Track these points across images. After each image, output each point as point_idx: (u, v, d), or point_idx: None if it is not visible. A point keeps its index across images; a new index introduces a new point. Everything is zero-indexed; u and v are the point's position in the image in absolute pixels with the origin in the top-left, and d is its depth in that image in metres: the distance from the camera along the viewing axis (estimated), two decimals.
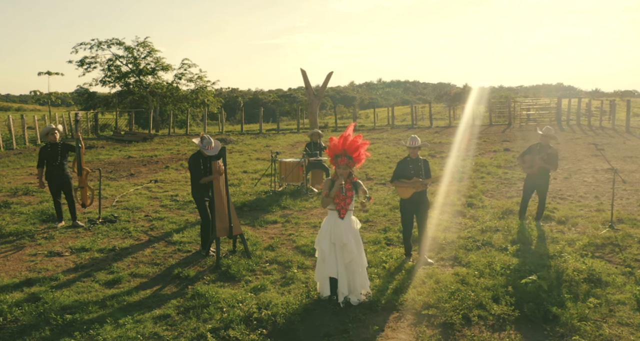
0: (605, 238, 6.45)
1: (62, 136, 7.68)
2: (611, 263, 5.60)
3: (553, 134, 7.22)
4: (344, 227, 4.50)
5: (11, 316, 4.42)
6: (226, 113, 37.28)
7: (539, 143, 7.23)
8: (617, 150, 16.62)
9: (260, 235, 6.98)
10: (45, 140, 7.54)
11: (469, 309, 4.36)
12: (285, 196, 9.42)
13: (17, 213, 8.26)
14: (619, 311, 4.38)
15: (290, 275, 5.32)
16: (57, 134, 7.43)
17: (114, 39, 34.33)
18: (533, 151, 7.21)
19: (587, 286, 4.82)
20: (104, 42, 34.28)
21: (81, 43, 33.82)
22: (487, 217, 7.66)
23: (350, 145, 4.67)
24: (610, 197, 9.34)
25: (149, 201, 9.35)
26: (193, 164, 6.08)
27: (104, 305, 4.69)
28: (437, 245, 6.31)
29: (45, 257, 6.13)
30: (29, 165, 15.69)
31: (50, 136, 7.36)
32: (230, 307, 4.44)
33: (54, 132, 7.37)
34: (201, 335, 3.97)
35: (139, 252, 6.32)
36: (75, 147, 7.50)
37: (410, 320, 4.30)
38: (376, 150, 17.99)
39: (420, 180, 5.61)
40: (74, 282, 5.29)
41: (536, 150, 7.17)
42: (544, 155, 7.12)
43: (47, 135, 7.41)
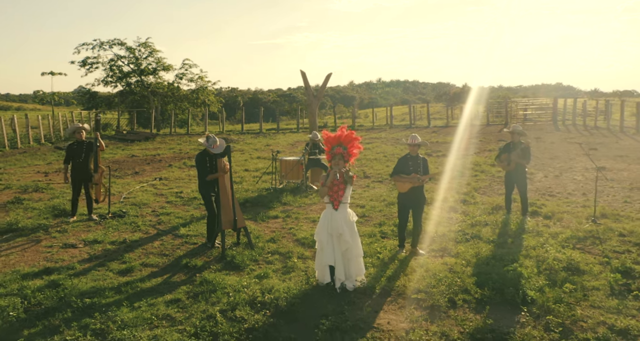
0: (587, 232, 6.85)
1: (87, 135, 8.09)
2: (590, 254, 6.00)
3: (521, 130, 7.68)
4: (340, 218, 4.89)
5: (34, 300, 4.82)
6: (226, 113, 37.66)
7: (511, 142, 7.65)
8: (610, 149, 17.02)
9: (262, 229, 7.38)
10: (72, 138, 7.93)
11: (454, 293, 4.77)
12: (286, 193, 9.82)
13: (30, 209, 8.65)
14: (593, 296, 4.78)
15: (291, 265, 5.71)
16: (84, 133, 7.84)
17: (116, 40, 34.69)
18: (507, 149, 7.63)
19: (565, 274, 5.22)
20: (105, 43, 34.64)
21: (83, 43, 34.16)
22: (478, 212, 8.06)
23: (345, 138, 5.14)
24: (598, 193, 9.75)
25: (155, 197, 9.75)
26: (199, 162, 6.46)
27: (119, 290, 5.09)
28: (429, 238, 6.71)
29: (60, 249, 6.53)
30: (35, 163, 16.08)
31: (77, 134, 7.77)
32: (236, 292, 4.84)
33: (81, 131, 7.78)
34: (210, 316, 4.36)
35: (149, 244, 6.72)
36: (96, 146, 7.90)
37: (401, 304, 4.70)
38: (374, 149, 18.40)
39: (418, 177, 6.00)
40: (89, 271, 5.69)
41: (510, 148, 7.59)
42: (519, 151, 7.53)
43: (74, 133, 7.82)
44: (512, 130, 7.78)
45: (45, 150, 20.53)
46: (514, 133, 7.77)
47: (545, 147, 18.21)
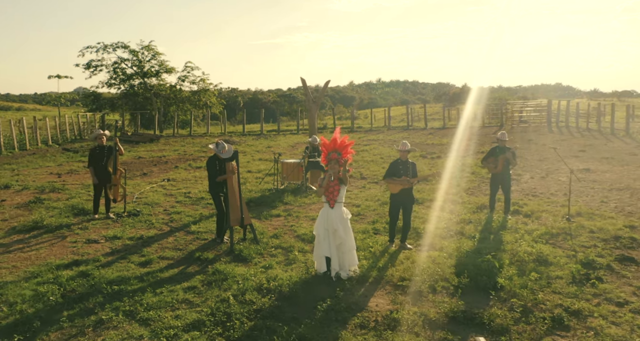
0: (560, 229, 7.56)
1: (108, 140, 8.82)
2: (560, 248, 6.70)
3: (506, 138, 8.38)
4: (335, 216, 5.60)
5: (69, 287, 5.52)
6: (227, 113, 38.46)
7: (497, 146, 8.36)
8: (598, 151, 17.72)
9: (266, 226, 8.08)
10: (95, 143, 8.64)
11: (435, 281, 5.48)
12: (287, 193, 10.53)
13: (51, 208, 9.35)
14: (555, 283, 5.49)
15: (292, 257, 6.42)
16: (104, 138, 8.54)
17: (120, 42, 35.41)
18: (494, 153, 8.33)
19: (533, 265, 5.93)
20: (109, 46, 35.36)
21: (87, 46, 34.87)
22: (464, 211, 8.77)
23: (340, 144, 5.86)
24: (578, 194, 10.47)
25: (165, 197, 10.46)
26: (210, 166, 7.16)
27: (142, 279, 5.79)
28: (417, 234, 7.42)
29: (84, 244, 7.23)
30: (47, 165, 16.77)
31: (99, 140, 8.48)
32: (244, 280, 5.55)
33: (102, 137, 8.49)
34: (224, 300, 5.07)
35: (163, 240, 7.42)
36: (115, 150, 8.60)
37: (388, 290, 5.41)
38: (371, 151, 19.11)
39: (407, 179, 6.70)
40: (113, 263, 6.39)
41: (497, 152, 8.29)
42: (509, 154, 8.23)
43: (96, 138, 8.53)
44: (499, 137, 8.50)
45: (54, 151, 21.21)
46: (500, 139, 8.49)
47: (537, 149, 18.90)
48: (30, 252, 6.90)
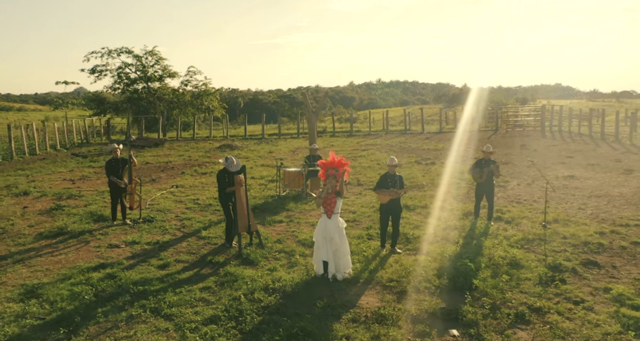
0: (536, 235, 8.37)
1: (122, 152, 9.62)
2: (532, 253, 7.51)
3: (491, 150, 9.19)
4: (332, 225, 6.40)
5: (100, 288, 6.33)
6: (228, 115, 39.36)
7: (483, 158, 9.16)
8: (585, 157, 18.51)
9: (270, 232, 8.88)
10: (110, 155, 9.45)
11: (418, 282, 6.28)
12: (289, 200, 11.34)
13: (71, 215, 10.16)
14: (523, 284, 6.30)
15: (294, 261, 7.23)
16: (119, 151, 9.35)
17: (124, 48, 36.23)
18: (480, 165, 9.13)
19: (506, 268, 6.73)
20: (114, 51, 36.17)
21: (92, 52, 35.65)
22: (451, 218, 9.57)
23: (337, 163, 6.64)
24: (558, 201, 11.28)
25: (175, 204, 11.27)
26: (220, 178, 7.96)
27: (162, 280, 6.59)
28: (406, 239, 8.22)
29: (107, 248, 8.04)
30: (59, 170, 17.55)
31: (114, 153, 9.29)
32: (252, 281, 6.35)
33: (116, 150, 9.30)
34: (235, 298, 5.88)
35: (178, 245, 8.23)
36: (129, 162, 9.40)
37: (378, 289, 6.21)
38: (369, 156, 19.89)
39: (395, 190, 7.51)
40: (135, 266, 7.20)
41: (482, 164, 9.09)
42: (493, 167, 9.03)
43: (111, 152, 9.33)
44: (485, 150, 9.32)
45: (63, 156, 22.00)
46: (485, 152, 9.30)
47: (527, 155, 19.67)
48: (60, 255, 7.71)
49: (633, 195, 11.66)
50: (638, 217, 9.57)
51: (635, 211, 10.05)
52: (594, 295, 5.99)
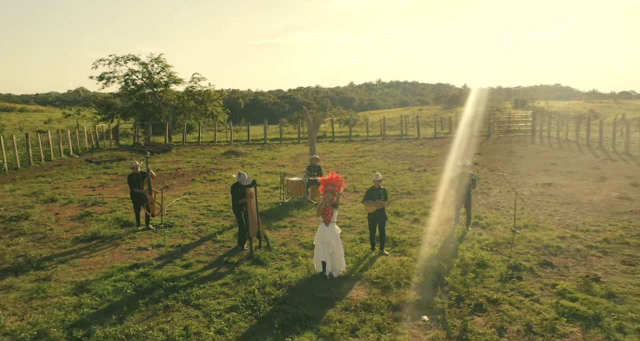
0: (505, 239, 9.71)
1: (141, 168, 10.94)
2: (499, 255, 8.85)
3: (469, 165, 10.54)
4: (329, 232, 7.75)
5: (137, 284, 7.67)
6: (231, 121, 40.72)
7: (462, 171, 10.50)
8: (567, 165, 19.82)
9: (275, 236, 10.22)
10: (131, 170, 10.77)
11: (400, 279, 7.62)
12: (291, 207, 12.68)
13: (100, 221, 11.51)
14: (486, 280, 7.64)
15: (297, 261, 8.57)
16: (138, 167, 10.67)
17: (130, 55, 37.63)
18: (459, 176, 10.46)
19: (474, 267, 8.07)
20: (121, 58, 37.55)
21: (100, 59, 37.03)
22: (434, 223, 10.91)
23: (334, 180, 7.97)
24: (532, 207, 12.60)
25: (190, 210, 12.61)
26: (233, 191, 9.30)
27: (188, 277, 7.94)
28: (393, 243, 9.56)
29: (137, 250, 9.39)
30: (77, 177, 18.86)
31: (134, 169, 10.61)
32: (263, 277, 7.70)
33: (137, 166, 10.62)
34: (250, 291, 7.22)
35: (197, 247, 9.57)
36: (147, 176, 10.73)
37: (366, 285, 7.56)
38: (365, 163, 21.22)
39: (380, 201, 8.84)
40: (163, 265, 8.54)
41: (461, 176, 10.42)
42: (470, 181, 10.37)
43: (132, 168, 10.65)
44: (462, 164, 10.66)
45: (77, 162, 23.30)
46: (463, 166, 10.64)
47: (514, 162, 21.02)
48: (98, 257, 9.06)
49: (600, 202, 12.99)
50: (598, 222, 10.91)
51: (598, 217, 11.39)
52: (542, 290, 7.33)
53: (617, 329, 6.04)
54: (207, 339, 5.86)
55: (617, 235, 9.86)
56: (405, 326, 6.23)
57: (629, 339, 5.82)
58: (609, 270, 8.07)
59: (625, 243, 9.39)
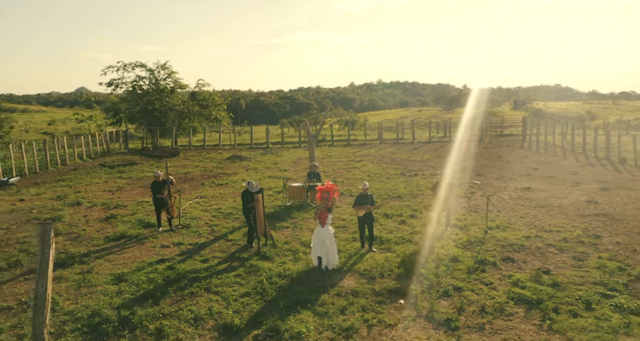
0: (477, 238, 11.25)
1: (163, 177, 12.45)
2: (469, 251, 10.39)
3: (446, 174, 12.08)
4: (324, 232, 9.29)
5: (165, 275, 9.21)
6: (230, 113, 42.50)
7: (440, 180, 12.03)
8: (548, 170, 21.34)
9: (279, 235, 11.77)
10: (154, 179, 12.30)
11: (384, 271, 9.17)
12: (293, 209, 14.23)
13: (125, 222, 13.06)
14: (455, 272, 9.18)
15: (298, 256, 10.12)
16: (161, 176, 12.22)
17: (138, 62, 39.26)
18: (438, 184, 12.00)
19: (447, 262, 9.62)
20: (128, 65, 39.15)
21: (109, 66, 38.69)
22: (418, 224, 12.46)
23: (330, 189, 9.53)
24: (508, 210, 14.13)
25: (203, 213, 14.16)
26: (244, 197, 10.85)
27: (207, 270, 9.48)
28: (381, 241, 11.10)
29: (160, 248, 10.94)
30: (95, 181, 20.42)
31: (157, 177, 12.15)
32: (270, 270, 9.25)
33: (159, 176, 12.16)
34: (259, 281, 8.76)
35: (212, 245, 11.12)
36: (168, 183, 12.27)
37: (355, 276, 9.10)
38: (362, 168, 22.76)
39: (368, 206, 10.38)
40: (185, 260, 10.09)
41: (439, 183, 11.96)
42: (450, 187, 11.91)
43: (155, 177, 12.19)
44: (442, 174, 12.23)
45: (91, 166, 24.86)
46: (443, 175, 12.20)
47: (500, 167, 22.54)
48: (128, 253, 10.62)
49: (569, 205, 14.53)
50: (562, 224, 12.45)
51: (563, 219, 12.93)
52: (500, 280, 8.88)
53: (553, 310, 7.58)
54: (227, 317, 7.41)
55: (575, 235, 11.41)
56: (385, 307, 7.79)
57: (561, 318, 7.37)
58: (560, 265, 9.62)
59: (581, 242, 10.94)
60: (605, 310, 7.52)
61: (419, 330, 7.05)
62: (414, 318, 7.41)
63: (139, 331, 7.09)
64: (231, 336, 6.94)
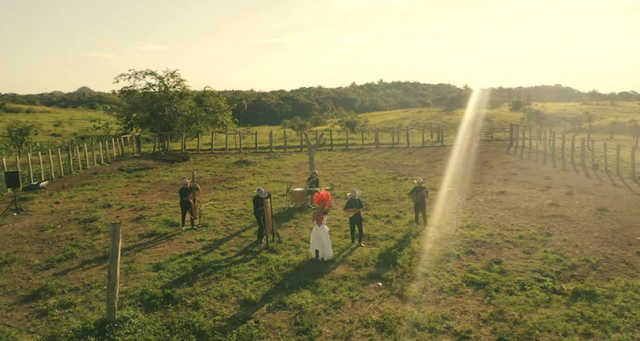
0: (449, 236, 13.55)
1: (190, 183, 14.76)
2: (440, 246, 12.68)
3: (422, 180, 14.39)
4: (321, 230, 11.61)
5: (193, 264, 11.53)
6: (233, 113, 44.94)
7: (418, 186, 14.33)
8: (525, 175, 23.58)
9: (284, 233, 14.07)
10: (182, 185, 14.62)
11: (368, 261, 11.48)
12: (295, 211, 16.55)
13: (152, 222, 15.39)
14: (425, 262, 11.48)
15: (300, 250, 12.44)
16: (188, 183, 14.54)
17: (148, 70, 41.66)
18: (416, 190, 14.29)
19: (420, 254, 11.92)
20: (139, 73, 41.54)
21: (121, 74, 41.11)
22: (401, 224, 14.77)
23: (325, 197, 11.85)
24: (481, 211, 16.41)
25: (218, 214, 16.49)
26: (254, 201, 13.17)
27: (227, 260, 11.80)
28: (369, 238, 13.41)
29: (186, 243, 13.27)
30: (117, 185, 22.74)
31: (185, 185, 14.47)
32: (277, 260, 11.57)
33: (186, 183, 14.49)
34: (269, 269, 11.08)
35: (228, 241, 13.44)
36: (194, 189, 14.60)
37: (345, 265, 11.42)
38: (358, 173, 25.06)
39: (356, 208, 12.70)
40: (207, 253, 12.40)
41: (417, 190, 14.25)
42: (423, 191, 14.22)
43: (183, 185, 14.50)
44: (417, 182, 14.51)
45: (110, 170, 27.18)
46: (419, 182, 14.49)
47: (483, 172, 24.79)
48: (160, 247, 12.95)
49: (534, 208, 16.81)
50: (522, 224, 14.74)
51: (525, 220, 15.22)
52: (460, 268, 11.18)
53: (495, 290, 9.89)
54: (245, 294, 9.73)
55: (530, 233, 13.71)
56: (366, 288, 10.10)
57: (499, 295, 9.67)
58: (511, 257, 11.92)
59: (533, 239, 13.23)
60: (534, 290, 9.83)
61: (390, 304, 9.36)
62: (388, 296, 9.73)
63: (179, 304, 9.42)
64: (249, 307, 9.27)
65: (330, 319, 8.75)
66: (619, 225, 14.42)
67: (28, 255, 12.43)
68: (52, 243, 13.40)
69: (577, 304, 9.20)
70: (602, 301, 9.31)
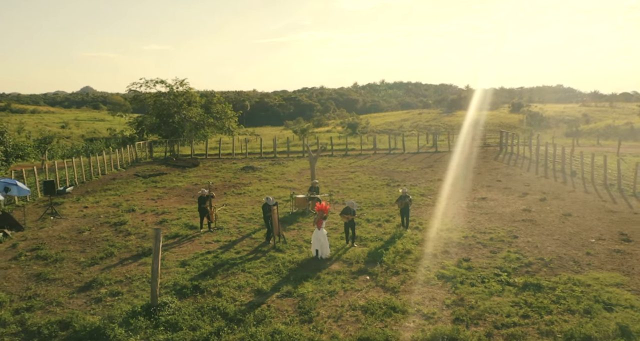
0: (430, 237, 15.83)
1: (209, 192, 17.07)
2: (421, 246, 14.97)
3: (407, 190, 16.69)
4: (320, 233, 13.91)
5: (213, 261, 13.85)
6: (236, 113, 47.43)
7: (403, 194, 16.62)
8: (508, 182, 25.82)
9: (288, 235, 16.38)
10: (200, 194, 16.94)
11: (359, 259, 13.79)
12: (298, 215, 18.86)
13: (174, 225, 17.72)
14: (406, 260, 13.78)
15: (302, 250, 14.75)
16: (206, 192, 16.87)
17: (158, 78, 44.06)
18: (402, 198, 16.58)
19: (402, 253, 14.21)
20: (150, 81, 43.93)
21: (133, 83, 43.55)
22: (389, 227, 17.06)
23: (324, 208, 14.19)
24: (462, 216, 18.70)
25: (230, 218, 18.81)
26: (264, 208, 15.49)
27: (241, 258, 14.12)
28: (361, 240, 15.71)
29: (205, 243, 15.60)
30: (136, 190, 25.05)
31: (203, 194, 16.79)
32: (283, 258, 13.88)
33: (204, 192, 16.83)
34: (277, 265, 13.40)
35: (241, 242, 15.77)
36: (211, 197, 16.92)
37: (340, 262, 13.73)
38: (355, 179, 27.36)
39: (349, 216, 15.00)
40: (224, 252, 14.73)
41: (403, 198, 16.54)
42: (407, 200, 16.51)
43: (202, 193, 16.84)
44: (402, 192, 16.81)
45: (127, 176, 29.50)
46: (404, 191, 16.79)
47: (471, 178, 27.04)
48: (184, 247, 15.28)
49: (508, 213, 19.09)
50: (494, 227, 17.02)
51: (497, 224, 17.49)
52: (435, 265, 13.47)
53: (460, 282, 12.18)
54: (258, 285, 12.05)
55: (499, 236, 16.00)
56: (356, 280, 12.42)
57: (462, 286, 11.96)
58: (479, 255, 14.21)
59: (501, 241, 15.52)
60: (492, 283, 12.13)
61: (375, 293, 11.68)
62: (373, 287, 12.05)
63: (205, 293, 11.74)
64: (262, 295, 11.60)
65: (326, 304, 11.06)
66: (578, 229, 16.70)
67: (73, 253, 14.77)
68: (91, 243, 15.75)
69: (523, 293, 11.50)
70: (544, 291, 11.60)
